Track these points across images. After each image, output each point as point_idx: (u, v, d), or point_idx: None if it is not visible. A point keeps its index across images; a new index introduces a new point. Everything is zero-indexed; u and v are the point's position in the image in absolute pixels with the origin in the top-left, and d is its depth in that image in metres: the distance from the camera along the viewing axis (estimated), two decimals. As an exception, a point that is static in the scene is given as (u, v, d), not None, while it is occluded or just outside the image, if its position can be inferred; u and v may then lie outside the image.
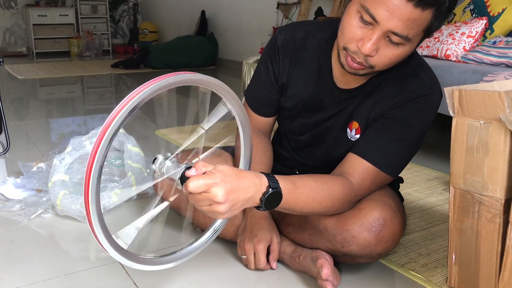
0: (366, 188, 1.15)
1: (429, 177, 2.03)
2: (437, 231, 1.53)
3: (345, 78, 1.18)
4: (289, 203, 0.99)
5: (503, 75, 1.90)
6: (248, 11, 5.12)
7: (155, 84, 0.81)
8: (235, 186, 0.88)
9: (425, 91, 1.14)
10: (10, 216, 1.60)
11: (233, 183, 0.88)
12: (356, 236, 1.12)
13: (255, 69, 1.35)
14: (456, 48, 2.32)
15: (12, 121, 2.86)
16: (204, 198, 0.86)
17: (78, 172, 1.67)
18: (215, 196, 0.85)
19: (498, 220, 1.07)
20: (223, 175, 0.87)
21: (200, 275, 1.27)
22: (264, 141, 1.37)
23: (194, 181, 0.85)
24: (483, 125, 1.06)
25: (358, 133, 1.21)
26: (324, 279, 1.14)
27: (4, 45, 6.74)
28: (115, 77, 4.94)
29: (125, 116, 0.79)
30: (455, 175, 1.13)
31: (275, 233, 1.27)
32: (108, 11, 7.14)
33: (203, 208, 0.88)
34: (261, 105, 1.34)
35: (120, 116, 0.79)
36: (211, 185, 0.85)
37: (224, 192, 0.86)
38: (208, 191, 0.85)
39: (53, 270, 1.28)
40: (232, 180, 0.88)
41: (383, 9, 0.96)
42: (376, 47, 1.01)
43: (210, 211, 0.88)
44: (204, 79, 0.89)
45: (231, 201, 0.88)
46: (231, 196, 0.87)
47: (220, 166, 0.89)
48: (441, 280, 1.24)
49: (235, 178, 0.89)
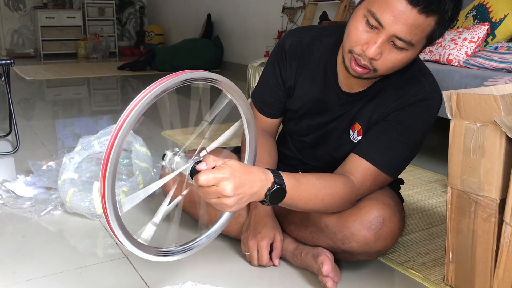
0: (367, 188, 1.19)
1: (430, 179, 2.06)
2: (436, 231, 1.56)
3: (349, 82, 1.22)
4: (293, 199, 1.03)
5: (504, 80, 1.94)
6: (253, 15, 5.17)
7: (170, 80, 0.84)
8: (243, 181, 0.92)
9: (425, 95, 1.18)
10: (21, 213, 1.65)
11: (241, 178, 0.92)
12: (356, 233, 1.16)
13: (262, 71, 1.39)
14: (458, 53, 2.36)
15: (21, 121, 2.91)
16: (213, 191, 0.90)
17: (87, 170, 1.72)
18: (224, 190, 0.90)
19: (493, 219, 1.11)
20: (232, 169, 0.91)
21: (205, 270, 1.31)
22: (270, 142, 1.41)
23: (205, 175, 0.89)
24: (480, 127, 1.10)
25: (360, 134, 1.25)
26: (324, 275, 1.18)
27: (12, 47, 6.81)
28: (121, 79, 4.99)
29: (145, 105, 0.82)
30: (453, 176, 1.17)
31: (278, 230, 1.31)
32: (115, 14, 7.21)
33: (212, 200, 0.92)
34: (267, 107, 1.38)
35: (141, 104, 0.82)
36: (221, 179, 0.90)
37: (233, 186, 0.90)
38: (217, 184, 0.90)
39: (63, 264, 1.33)
40: (240, 175, 0.92)
41: (389, 14, 1.00)
42: (380, 51, 1.05)
43: (219, 203, 0.92)
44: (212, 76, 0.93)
45: (239, 194, 0.92)
46: (239, 190, 0.92)
47: (229, 161, 0.93)
48: (439, 278, 1.28)
49: (243, 173, 0.93)
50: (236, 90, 0.98)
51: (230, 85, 0.96)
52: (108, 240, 1.48)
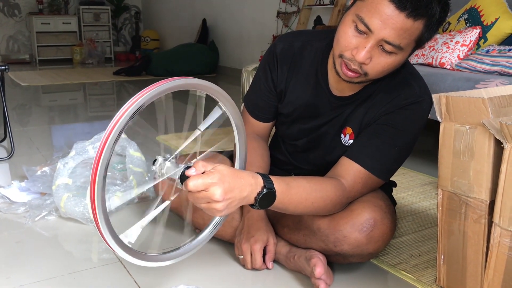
0: (358, 191, 1.20)
1: (423, 182, 2.08)
2: (428, 233, 1.57)
3: (340, 86, 1.24)
4: (283, 202, 1.04)
5: (495, 82, 1.95)
6: (248, 20, 5.19)
7: (156, 88, 0.86)
8: (232, 186, 0.93)
9: (415, 99, 1.19)
10: (15, 218, 1.65)
11: (231, 183, 0.93)
12: (347, 236, 1.17)
13: (254, 76, 1.40)
14: (450, 56, 2.38)
15: (16, 127, 2.91)
16: (203, 196, 0.91)
17: (81, 175, 1.72)
18: (213, 195, 0.91)
19: (483, 221, 1.12)
20: (221, 175, 0.92)
21: (199, 274, 1.31)
22: (262, 146, 1.42)
23: (194, 180, 0.90)
24: (469, 130, 1.11)
25: (352, 138, 1.27)
26: (317, 278, 1.19)
27: (7, 53, 6.82)
28: (117, 84, 5.00)
29: (132, 114, 0.84)
30: (443, 178, 1.18)
31: (272, 234, 1.32)
32: (110, 19, 7.23)
33: (201, 205, 0.93)
34: (259, 111, 1.39)
35: (128, 113, 0.84)
36: (210, 184, 0.91)
37: (222, 191, 0.91)
38: (207, 190, 0.91)
39: (57, 269, 1.33)
40: (229, 179, 0.93)
41: (377, 19, 1.02)
42: (370, 55, 1.06)
43: (208, 208, 0.93)
44: (202, 83, 0.94)
45: (228, 199, 0.93)
46: (228, 195, 0.93)
47: (219, 166, 0.94)
48: (431, 280, 1.29)
49: (232, 178, 0.94)
50: (224, 95, 0.99)
51: (218, 91, 0.97)
52: (102, 244, 1.49)
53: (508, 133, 1.00)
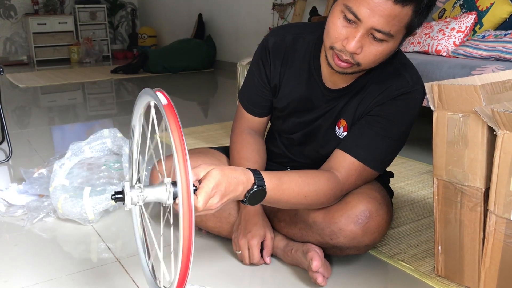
0: (352, 183, 1.19)
1: (421, 171, 2.07)
2: (427, 222, 1.57)
3: (334, 78, 1.23)
4: (274, 197, 1.05)
5: (492, 68, 1.94)
6: (244, 13, 5.17)
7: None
8: (227, 190, 0.96)
9: (408, 89, 1.18)
10: (14, 221, 1.65)
11: (226, 188, 0.96)
12: (343, 228, 1.17)
13: (248, 71, 1.40)
14: (446, 43, 2.36)
15: (14, 129, 2.91)
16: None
17: (78, 176, 1.72)
18: (212, 205, 0.94)
19: (479, 209, 1.11)
20: (215, 184, 0.93)
21: (197, 270, 1.31)
22: (258, 141, 1.41)
23: (197, 205, 0.90)
24: (462, 118, 1.10)
25: (346, 130, 1.26)
26: (314, 271, 1.19)
27: (5, 55, 6.81)
28: (115, 82, 4.99)
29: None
30: (438, 167, 1.18)
31: (269, 228, 1.32)
32: (106, 17, 7.19)
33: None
34: (254, 106, 1.39)
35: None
36: (209, 198, 0.93)
37: (219, 199, 0.95)
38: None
39: (56, 271, 1.33)
40: (224, 184, 0.95)
41: (365, 7, 1.01)
42: (360, 45, 1.06)
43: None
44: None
45: (223, 202, 0.97)
46: (224, 199, 0.96)
47: (210, 175, 0.93)
48: (429, 269, 1.29)
49: (227, 182, 0.96)
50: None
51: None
52: (101, 244, 1.49)
53: (500, 120, 1.00)
